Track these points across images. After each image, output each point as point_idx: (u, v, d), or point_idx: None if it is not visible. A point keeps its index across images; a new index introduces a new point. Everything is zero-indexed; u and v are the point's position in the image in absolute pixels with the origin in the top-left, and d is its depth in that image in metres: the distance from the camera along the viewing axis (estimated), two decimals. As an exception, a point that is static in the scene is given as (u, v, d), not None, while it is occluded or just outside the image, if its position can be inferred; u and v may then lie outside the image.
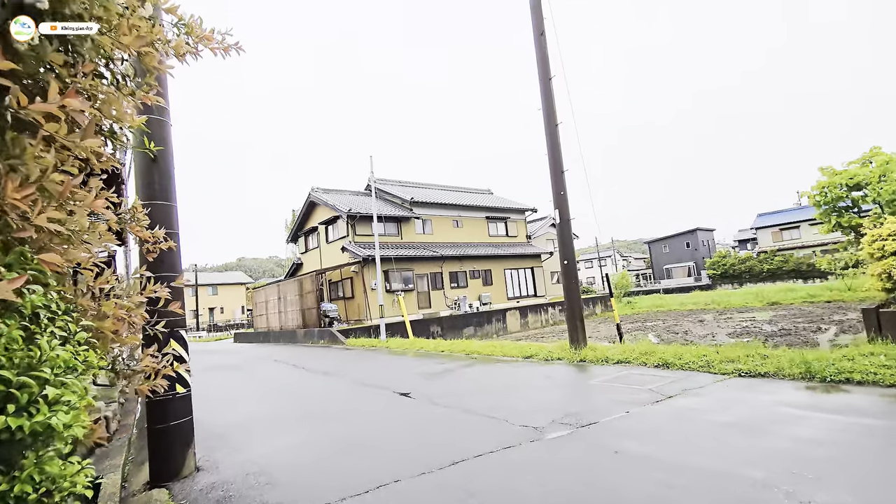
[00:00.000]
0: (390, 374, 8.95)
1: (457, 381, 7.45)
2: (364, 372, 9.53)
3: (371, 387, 7.43)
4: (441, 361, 9.84)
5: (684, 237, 60.14)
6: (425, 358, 10.78)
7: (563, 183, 8.61)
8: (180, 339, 3.96)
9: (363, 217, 22.87)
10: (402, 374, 8.81)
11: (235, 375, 10.83)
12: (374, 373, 9.27)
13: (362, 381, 8.11)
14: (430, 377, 7.97)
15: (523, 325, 25.54)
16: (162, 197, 4.05)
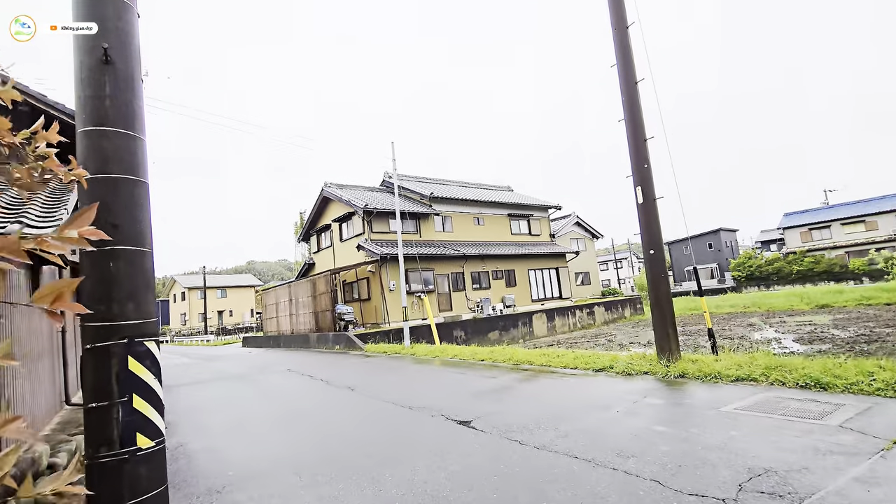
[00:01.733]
0: (431, 390, 7.33)
1: (523, 402, 5.81)
2: (397, 387, 7.91)
3: (416, 410, 5.80)
4: (487, 374, 8.20)
5: (707, 238, 57.97)
6: (465, 368, 9.15)
7: (645, 153, 6.95)
8: (146, 357, 2.36)
9: (380, 213, 21.34)
10: (445, 390, 7.18)
11: (244, 389, 9.27)
12: (410, 388, 7.65)
13: (400, 400, 6.49)
14: (483, 396, 6.34)
15: (550, 330, 23.82)
16: (121, 122, 2.47)
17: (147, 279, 2.47)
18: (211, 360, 17.94)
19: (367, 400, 6.77)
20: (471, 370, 8.90)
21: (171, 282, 61.80)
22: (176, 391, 9.61)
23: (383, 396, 6.89)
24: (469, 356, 10.68)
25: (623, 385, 6.23)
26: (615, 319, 27.78)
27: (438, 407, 5.83)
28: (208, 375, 12.08)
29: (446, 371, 9.19)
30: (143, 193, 2.53)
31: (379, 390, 7.53)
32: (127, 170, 2.46)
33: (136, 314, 2.35)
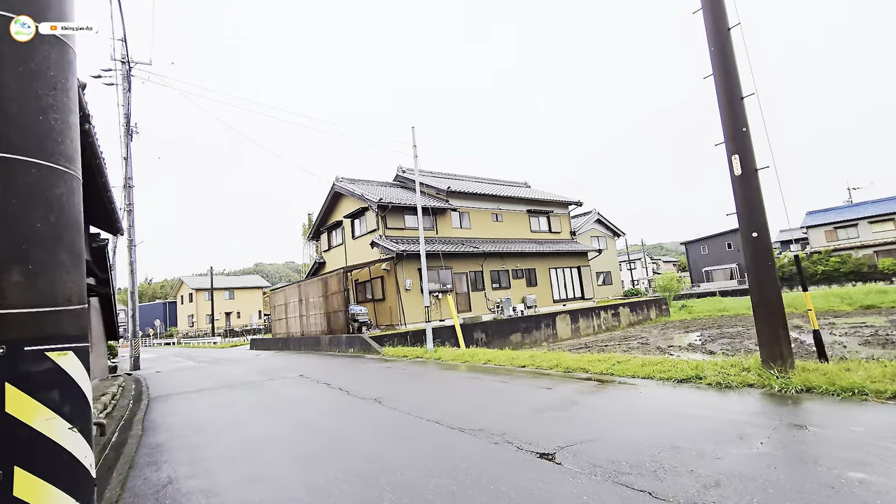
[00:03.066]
0: (478, 405, 6.06)
1: (607, 423, 4.53)
2: (434, 400, 6.64)
3: (471, 434, 4.54)
4: (537, 383, 6.92)
5: (725, 237, 56.24)
6: (505, 376, 7.88)
7: (741, 115, 5.65)
8: (48, 386, 1.10)
9: (395, 208, 20.14)
10: (495, 405, 5.91)
11: (252, 400, 8.05)
12: (452, 402, 6.38)
13: (445, 418, 5.24)
14: (547, 414, 5.07)
15: (574, 332, 22.46)
16: None
17: (61, 223, 1.25)
18: (217, 364, 16.80)
19: (403, 418, 5.51)
20: (514, 379, 7.63)
21: (178, 283, 61.10)
22: (174, 401, 8.42)
23: (422, 413, 5.63)
24: (505, 361, 9.40)
25: (726, 402, 4.93)
26: (640, 321, 26.35)
27: (498, 429, 4.56)
28: (213, 382, 10.91)
29: (484, 379, 7.92)
30: (63, 59, 1.31)
31: (413, 404, 6.27)
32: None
33: (26, 294, 1.12)
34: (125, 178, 18.95)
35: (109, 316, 14.26)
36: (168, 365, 18.87)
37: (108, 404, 7.46)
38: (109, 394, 8.06)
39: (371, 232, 20.58)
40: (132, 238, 18.81)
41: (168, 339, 50.58)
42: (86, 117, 5.67)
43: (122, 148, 19.04)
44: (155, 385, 11.41)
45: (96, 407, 6.50)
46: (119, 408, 7.97)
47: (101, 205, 9.42)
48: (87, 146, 6.50)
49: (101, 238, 11.69)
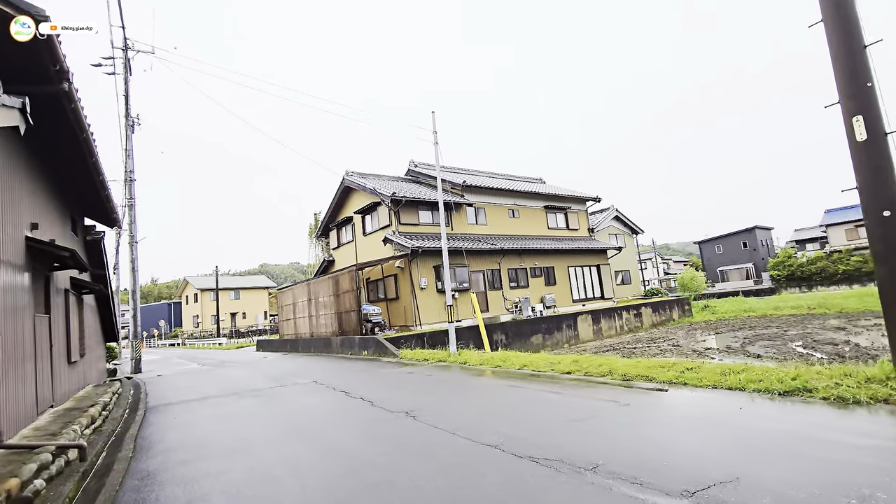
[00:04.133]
0: (537, 422, 5.01)
1: (734, 454, 3.48)
2: (480, 415, 5.59)
3: (548, 466, 3.51)
4: (595, 393, 5.89)
5: (741, 236, 54.93)
6: (553, 385, 6.84)
7: (864, 67, 4.59)
8: None
9: (409, 202, 19.14)
10: (559, 422, 4.85)
11: (262, 413, 7.05)
12: (502, 418, 5.33)
13: (505, 442, 4.21)
14: (632, 434, 4.02)
15: (596, 333, 21.37)
16: None
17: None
18: (222, 367, 15.85)
19: (450, 440, 4.48)
20: (564, 388, 6.59)
21: (183, 283, 60.43)
22: (175, 412, 7.44)
23: (471, 433, 4.60)
24: (544, 367, 8.35)
25: (869, 422, 3.88)
26: (663, 322, 25.20)
27: (584, 458, 3.53)
28: (218, 388, 9.93)
29: (528, 388, 6.88)
30: None
31: (456, 420, 5.24)
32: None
33: None
34: (126, 172, 18.07)
35: (108, 315, 13.34)
36: (171, 368, 17.95)
37: (98, 417, 6.48)
38: (100, 403, 7.08)
39: (383, 228, 19.58)
40: (133, 234, 17.91)
41: (173, 340, 49.86)
42: (62, 73, 4.68)
43: (122, 140, 18.16)
44: (155, 391, 10.45)
45: (79, 423, 5.51)
46: (111, 420, 6.99)
47: (94, 191, 8.46)
48: (68, 113, 5.52)
49: (95, 230, 10.75)
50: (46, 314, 6.75)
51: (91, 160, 6.89)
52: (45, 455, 4.09)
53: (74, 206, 9.35)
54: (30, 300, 5.83)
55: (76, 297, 8.95)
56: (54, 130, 6.08)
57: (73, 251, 5.95)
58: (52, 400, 6.63)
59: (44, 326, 6.49)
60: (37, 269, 6.32)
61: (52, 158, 7.12)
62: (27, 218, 5.93)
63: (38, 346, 6.09)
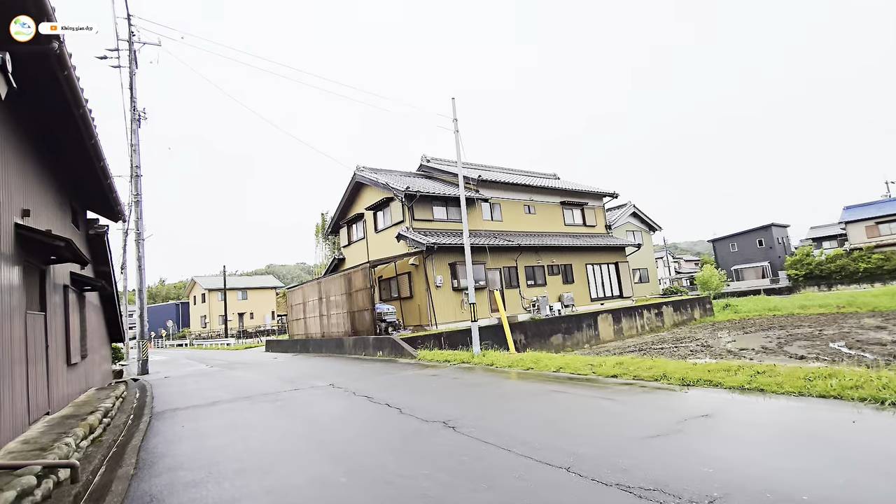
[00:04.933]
0: (604, 436, 4.28)
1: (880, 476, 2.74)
2: (531, 426, 4.87)
3: (648, 499, 2.78)
4: (655, 399, 5.14)
5: (756, 234, 53.73)
6: (599, 390, 6.11)
7: None
8: None
9: (423, 197, 18.45)
10: (632, 438, 4.13)
11: (281, 422, 6.37)
12: (558, 431, 4.61)
13: (577, 464, 3.51)
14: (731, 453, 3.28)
15: (617, 333, 20.58)
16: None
17: None
18: (231, 368, 15.24)
19: (508, 460, 3.76)
20: (616, 393, 5.85)
21: (190, 283, 60.18)
22: (182, 419, 6.78)
23: (530, 450, 3.88)
24: (584, 369, 7.61)
25: None
26: (685, 321, 24.34)
27: (693, 488, 2.80)
28: (228, 392, 9.28)
29: (573, 394, 6.15)
30: None
31: (505, 433, 4.52)
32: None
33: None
34: (132, 167, 17.53)
35: (113, 315, 12.76)
36: (179, 369, 17.38)
37: (97, 425, 5.83)
38: (101, 410, 6.43)
39: (396, 224, 18.90)
40: (140, 231, 17.36)
41: (180, 341, 49.56)
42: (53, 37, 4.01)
43: (128, 134, 17.62)
44: (161, 395, 9.83)
45: (75, 434, 4.86)
46: (113, 428, 6.35)
47: (95, 179, 7.81)
48: (60, 82, 4.87)
49: (99, 224, 10.15)
50: (41, 312, 6.11)
51: (90, 142, 6.25)
52: (29, 478, 3.43)
53: (75, 196, 8.74)
54: (21, 296, 5.19)
55: (77, 294, 8.33)
56: (46, 105, 5.44)
57: (69, 240, 5.30)
58: (47, 407, 6.00)
59: (38, 325, 5.85)
60: (30, 262, 5.69)
61: (47, 140, 6.49)
62: (17, 203, 5.29)
63: (31, 348, 5.45)
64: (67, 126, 5.85)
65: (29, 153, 5.82)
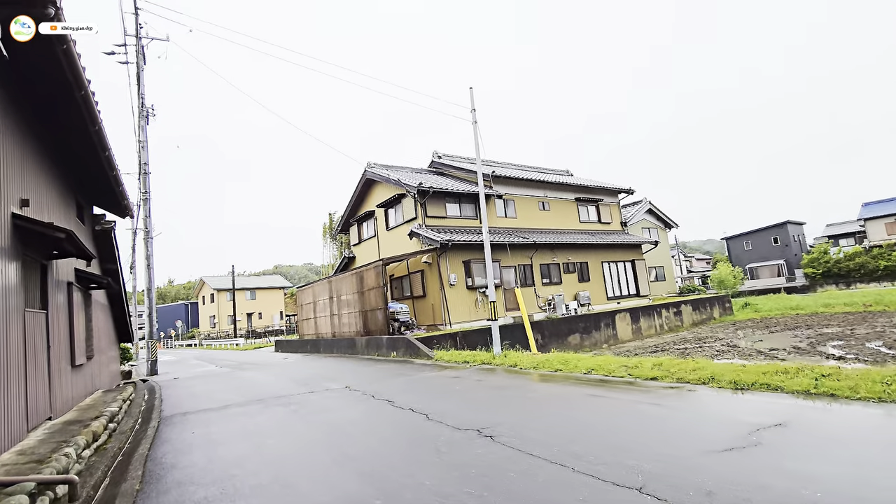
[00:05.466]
0: (667, 448, 3.78)
1: None
2: (579, 437, 4.37)
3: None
4: (705, 404, 4.62)
5: (771, 232, 52.59)
6: (642, 394, 5.60)
7: None
8: None
9: (437, 193, 17.98)
10: (705, 450, 3.62)
11: (297, 428, 5.93)
12: (610, 442, 4.11)
13: (650, 484, 3.02)
14: (818, 471, 2.78)
15: (636, 333, 19.98)
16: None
17: None
18: (242, 369, 14.88)
19: (566, 477, 3.27)
20: (663, 399, 5.34)
21: (199, 283, 60.21)
22: (193, 424, 6.36)
23: (587, 465, 3.40)
24: (619, 371, 7.10)
25: None
26: (704, 320, 23.66)
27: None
28: (240, 394, 8.87)
29: (616, 399, 5.65)
30: None
31: (551, 444, 4.03)
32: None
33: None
34: (140, 164, 17.23)
35: (121, 314, 12.42)
36: (188, 370, 17.07)
37: (102, 432, 5.42)
38: (106, 414, 6.03)
39: (409, 221, 18.45)
40: (149, 229, 17.05)
41: (190, 341, 49.54)
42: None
43: (136, 131, 17.34)
44: (170, 397, 9.45)
45: (77, 443, 4.44)
46: (119, 434, 5.94)
47: (101, 171, 7.42)
48: (59, 59, 4.45)
49: (105, 220, 9.79)
50: (43, 310, 5.72)
51: (93, 128, 5.85)
52: (20, 497, 3.00)
53: (80, 190, 8.37)
54: (18, 292, 4.79)
55: (82, 292, 7.96)
56: (45, 85, 5.04)
57: (70, 232, 4.89)
58: (49, 411, 5.60)
59: (39, 325, 5.46)
60: (29, 257, 5.29)
61: (47, 126, 6.10)
62: (15, 192, 4.90)
63: (31, 348, 5.05)
64: (69, 110, 5.45)
65: (28, 140, 5.43)
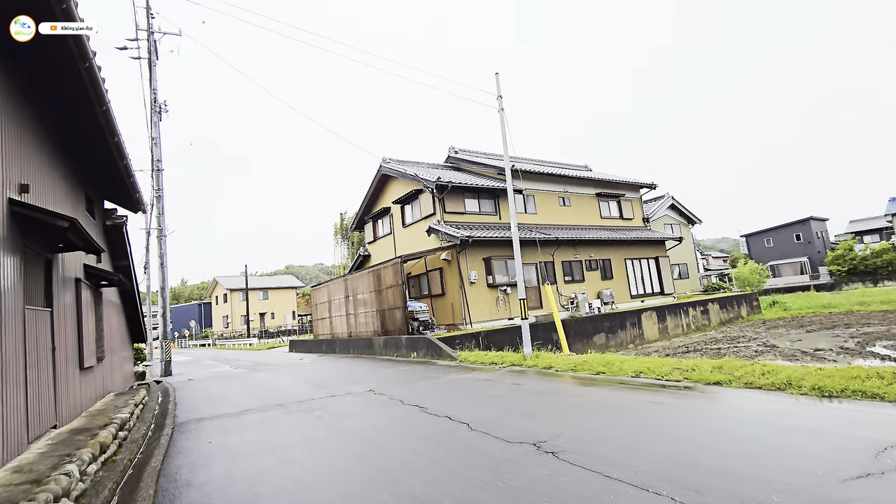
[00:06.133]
0: (799, 474, 3.12)
1: None
2: (661, 454, 3.73)
3: None
4: (792, 416, 3.95)
5: (793, 228, 51.12)
6: (706, 399, 4.92)
7: None
8: None
9: (455, 188, 17.38)
10: (861, 483, 2.97)
11: (323, 441, 5.36)
12: (712, 462, 3.46)
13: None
14: None
15: (662, 332, 19.19)
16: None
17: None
18: (257, 370, 14.42)
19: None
20: (737, 408, 4.67)
21: (212, 283, 60.34)
22: (209, 433, 5.83)
23: (700, 497, 2.76)
24: (673, 374, 6.43)
25: None
26: (731, 319, 22.74)
27: None
28: (258, 399, 8.36)
29: (679, 406, 4.99)
30: None
31: (631, 462, 3.40)
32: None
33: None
34: (153, 161, 16.89)
35: (134, 313, 12.01)
36: (203, 370, 16.68)
37: (110, 442, 4.90)
38: (117, 421, 5.53)
39: (426, 218, 17.88)
40: (162, 227, 16.70)
41: (203, 341, 49.53)
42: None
43: (149, 127, 17.00)
44: (185, 400, 8.97)
45: (81, 458, 3.92)
46: (130, 443, 5.43)
47: (110, 159, 6.93)
48: (67, 42, 3.92)
49: (117, 215, 9.35)
50: (47, 308, 5.23)
51: (100, 108, 5.34)
52: None
53: (89, 183, 7.91)
54: (17, 288, 4.28)
55: (92, 289, 7.49)
56: (45, 57, 4.52)
57: (74, 220, 4.37)
58: (53, 419, 5.11)
59: (42, 323, 4.96)
60: (30, 248, 4.79)
61: (52, 107, 5.60)
62: (12, 175, 4.39)
63: (32, 350, 4.55)
64: (73, 86, 4.94)
65: (27, 120, 4.93)
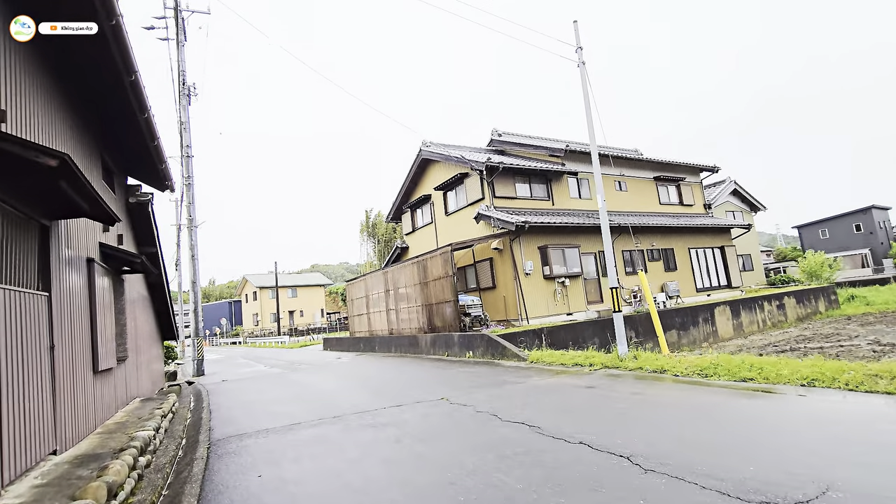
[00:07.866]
0: None
1: None
2: None
3: None
4: None
5: (853, 218, 47.34)
6: None
7: None
8: None
9: (507, 171, 15.78)
10: None
11: (406, 471, 3.87)
12: None
13: None
14: None
15: (736, 329, 17.13)
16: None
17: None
18: (295, 370, 13.16)
19: None
20: None
21: (243, 281, 60.36)
22: (254, 457, 4.41)
23: None
24: (867, 382, 4.67)
25: None
26: (808, 315, 20.37)
27: None
28: (304, 407, 6.96)
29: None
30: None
31: None
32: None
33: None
34: (182, 147, 15.88)
35: (163, 308, 10.86)
36: (236, 370, 15.58)
37: (126, 476, 3.51)
38: (138, 443, 4.17)
39: (473, 203, 16.31)
40: (192, 217, 15.68)
41: (234, 339, 49.34)
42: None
43: (178, 111, 15.99)
44: (220, 407, 7.67)
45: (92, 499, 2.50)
46: (153, 473, 4.06)
47: (136, 132, 5.58)
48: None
49: (141, 192, 8.11)
50: (42, 292, 3.89)
51: (128, 79, 3.98)
52: None
53: (108, 150, 6.64)
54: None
55: (110, 274, 6.20)
56: None
57: (66, 156, 2.96)
58: (52, 443, 3.76)
59: (32, 312, 3.61)
60: (12, 206, 3.43)
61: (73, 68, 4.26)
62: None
63: (13, 348, 3.19)
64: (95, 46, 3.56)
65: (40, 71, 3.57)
